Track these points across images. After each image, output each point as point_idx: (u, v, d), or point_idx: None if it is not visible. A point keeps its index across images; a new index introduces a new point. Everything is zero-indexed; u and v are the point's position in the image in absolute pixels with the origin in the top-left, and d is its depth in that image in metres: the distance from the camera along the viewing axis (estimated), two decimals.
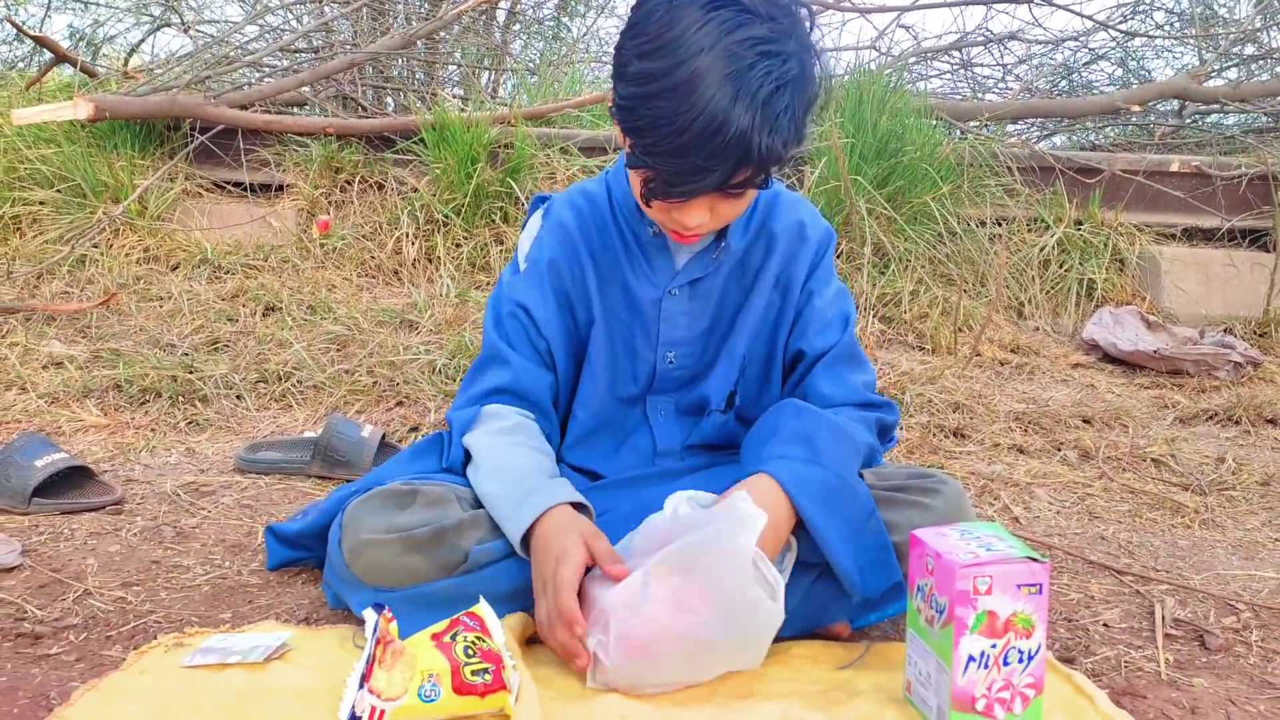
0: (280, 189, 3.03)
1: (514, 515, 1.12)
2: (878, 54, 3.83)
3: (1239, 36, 3.83)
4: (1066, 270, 2.98)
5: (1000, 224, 3.04)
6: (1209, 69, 3.63)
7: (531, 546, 1.11)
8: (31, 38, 3.15)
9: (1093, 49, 4.20)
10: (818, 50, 1.09)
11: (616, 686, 1.04)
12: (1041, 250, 2.98)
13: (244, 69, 3.52)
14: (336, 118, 3.17)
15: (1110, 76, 4.28)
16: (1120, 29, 4.05)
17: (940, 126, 3.13)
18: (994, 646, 0.98)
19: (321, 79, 3.34)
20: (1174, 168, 3.16)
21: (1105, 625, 1.33)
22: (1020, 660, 0.99)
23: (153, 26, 4.00)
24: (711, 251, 1.27)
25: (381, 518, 1.13)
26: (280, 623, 1.21)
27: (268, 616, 1.23)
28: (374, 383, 2.16)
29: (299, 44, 3.81)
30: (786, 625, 1.09)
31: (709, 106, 1.00)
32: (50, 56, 3.26)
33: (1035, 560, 0.98)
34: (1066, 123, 3.76)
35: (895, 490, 1.21)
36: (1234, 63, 3.90)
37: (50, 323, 2.39)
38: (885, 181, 2.86)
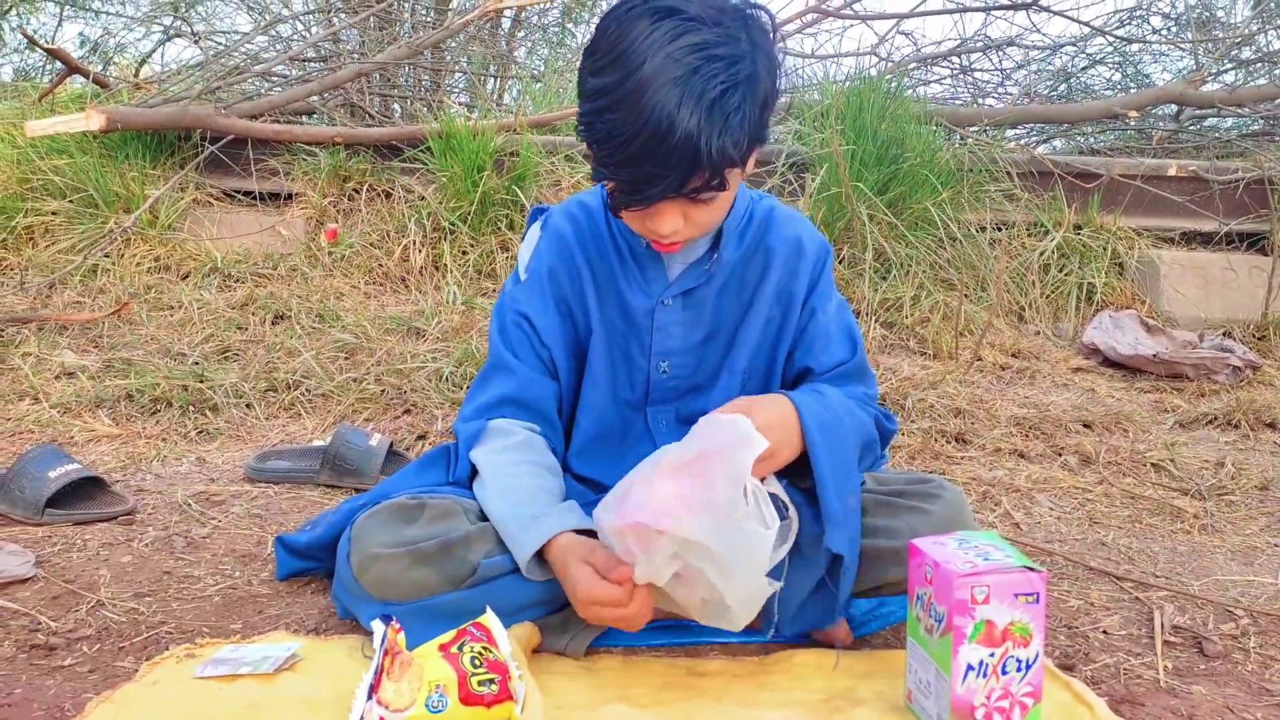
0: (289, 198, 3.06)
1: (520, 537, 1.15)
2: (878, 60, 3.85)
3: (1234, 41, 3.84)
4: (1066, 274, 3.00)
5: (1000, 229, 3.06)
6: (1205, 74, 3.64)
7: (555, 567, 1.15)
8: (45, 50, 3.18)
9: (1090, 54, 4.21)
10: (774, 53, 1.11)
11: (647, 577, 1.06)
12: (1041, 255, 3.00)
13: (254, 79, 3.55)
14: (345, 127, 3.19)
15: (1109, 81, 4.30)
16: (1116, 35, 4.07)
17: (940, 132, 3.15)
18: (992, 655, 1.00)
19: (330, 89, 3.36)
20: (1172, 172, 3.18)
21: (1105, 632, 1.35)
22: (1018, 669, 1.01)
23: (163, 37, 4.03)
24: (704, 263, 1.29)
25: (389, 531, 1.15)
26: (290, 633, 1.23)
27: (277, 627, 1.25)
28: (382, 391, 2.19)
29: (308, 53, 3.84)
30: (790, 624, 1.13)
31: (655, 112, 1.02)
32: (63, 68, 3.29)
33: (1032, 570, 1.00)
34: (1065, 127, 3.78)
35: (894, 495, 1.23)
36: (1230, 66, 3.91)
37: (62, 332, 2.42)
38: (886, 188, 2.87)
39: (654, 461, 1.07)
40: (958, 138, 3.31)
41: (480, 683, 1.00)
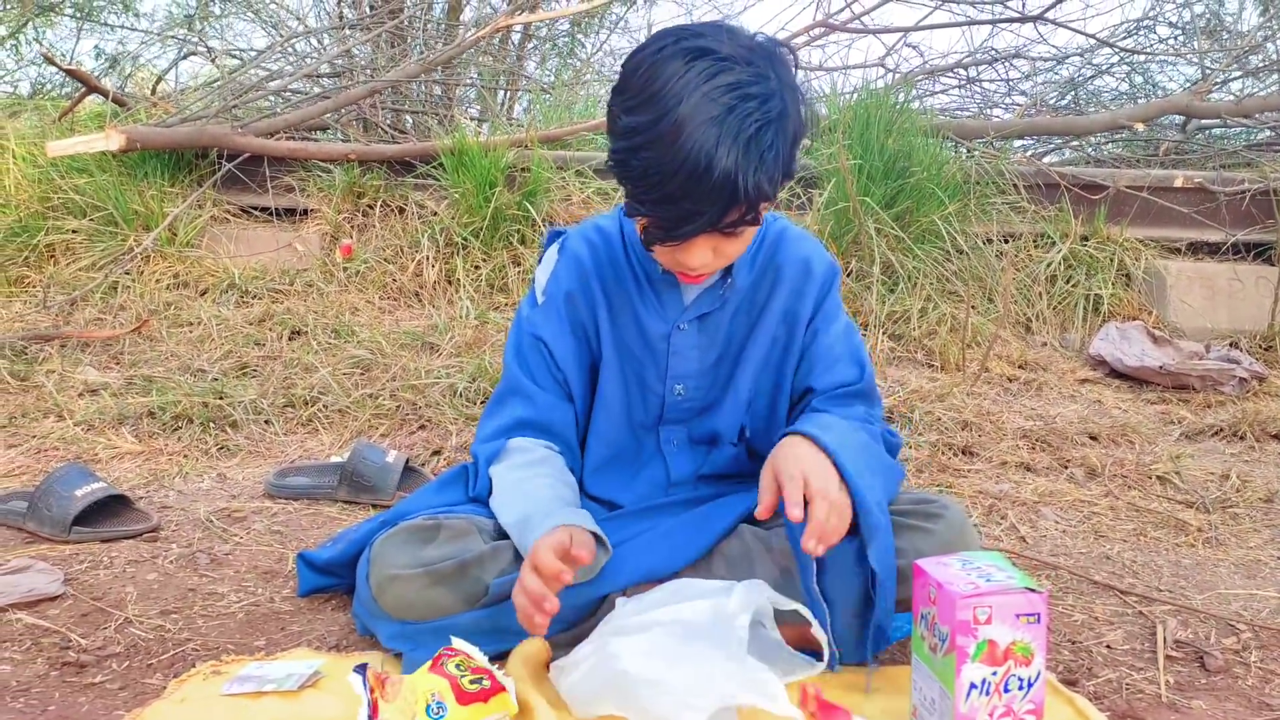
0: (304, 214, 3.11)
1: (533, 532, 1.17)
2: (885, 71, 3.88)
3: (1240, 51, 3.85)
4: (1073, 286, 3.02)
5: (1007, 240, 3.08)
6: (1212, 83, 3.66)
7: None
8: (66, 71, 3.25)
9: (1096, 65, 4.23)
10: (800, 88, 1.14)
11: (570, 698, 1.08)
12: (1048, 266, 3.02)
13: (269, 95, 3.60)
14: (358, 143, 3.24)
15: (1115, 91, 4.32)
16: (1122, 46, 4.08)
17: (947, 145, 3.18)
18: (995, 674, 1.02)
19: (344, 106, 3.42)
20: (1178, 183, 3.19)
21: (1108, 647, 1.37)
22: (1020, 687, 1.03)
23: (179, 54, 4.10)
24: (719, 288, 1.32)
25: (406, 553, 1.18)
26: (312, 649, 1.27)
27: (300, 643, 1.29)
28: (397, 406, 2.23)
29: (322, 68, 3.90)
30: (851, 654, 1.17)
31: (694, 151, 1.06)
32: (82, 87, 3.35)
33: (1033, 591, 1.03)
34: (1071, 138, 3.80)
35: (899, 515, 1.25)
36: (1238, 75, 3.93)
37: (84, 349, 2.47)
38: (893, 201, 2.90)
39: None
40: (964, 150, 3.34)
41: (471, 682, 1.04)
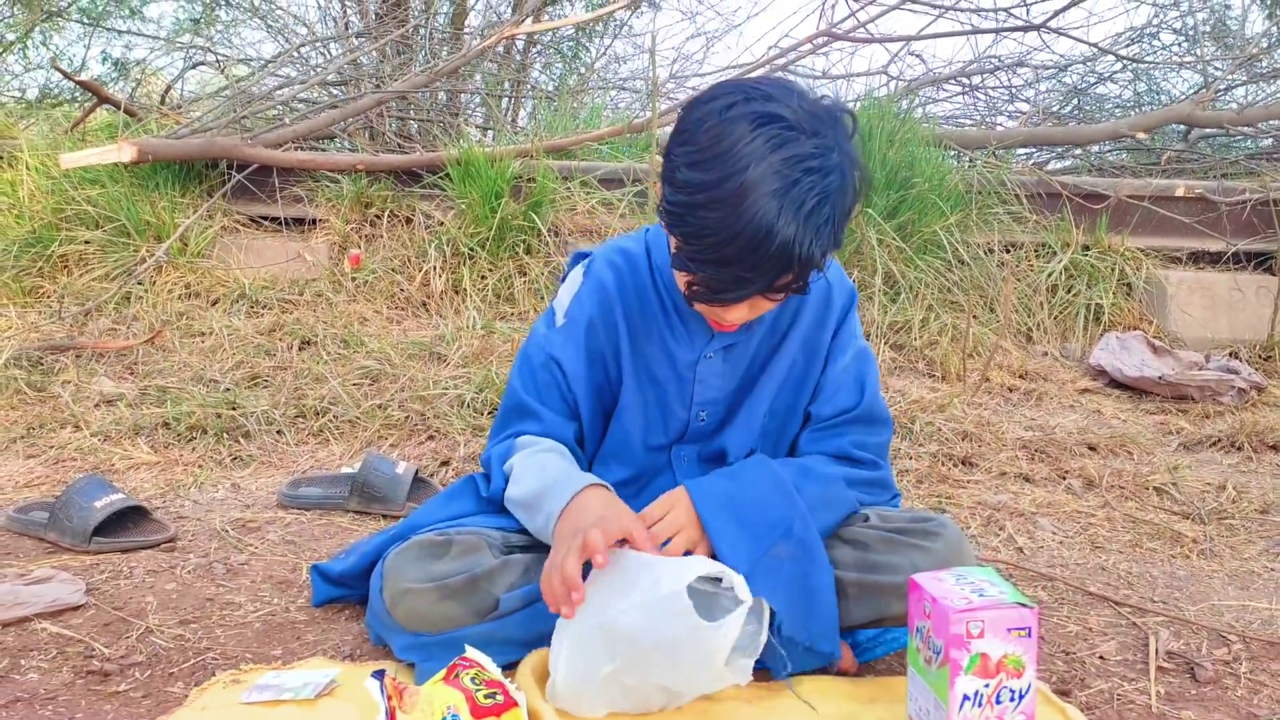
0: (313, 223, 3.15)
1: (558, 498, 1.20)
2: (889, 79, 3.91)
3: (1243, 59, 3.88)
4: (1074, 295, 3.05)
5: (1008, 250, 3.12)
6: (1216, 89, 3.68)
7: (568, 510, 1.18)
8: (78, 83, 3.30)
9: (1099, 72, 4.26)
10: (858, 158, 1.17)
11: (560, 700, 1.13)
12: (1049, 276, 3.05)
13: (277, 105, 3.65)
14: (366, 153, 3.29)
15: (1119, 99, 4.35)
16: (1123, 55, 4.11)
17: (949, 156, 3.21)
18: (987, 686, 1.06)
19: (351, 116, 3.46)
20: (1179, 193, 3.23)
21: (1101, 658, 1.40)
22: (1012, 699, 1.07)
23: (186, 63, 4.15)
24: None
25: (419, 567, 1.22)
26: (328, 659, 1.31)
27: (315, 653, 1.33)
28: (406, 417, 2.27)
29: (329, 77, 3.94)
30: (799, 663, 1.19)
31: (756, 219, 1.08)
32: (93, 98, 3.40)
33: (1025, 605, 1.07)
34: (1073, 147, 3.83)
35: (897, 532, 1.29)
36: (1241, 82, 3.95)
37: (99, 360, 2.52)
38: (895, 212, 2.94)
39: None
40: (967, 159, 3.37)
41: (485, 696, 1.08)
